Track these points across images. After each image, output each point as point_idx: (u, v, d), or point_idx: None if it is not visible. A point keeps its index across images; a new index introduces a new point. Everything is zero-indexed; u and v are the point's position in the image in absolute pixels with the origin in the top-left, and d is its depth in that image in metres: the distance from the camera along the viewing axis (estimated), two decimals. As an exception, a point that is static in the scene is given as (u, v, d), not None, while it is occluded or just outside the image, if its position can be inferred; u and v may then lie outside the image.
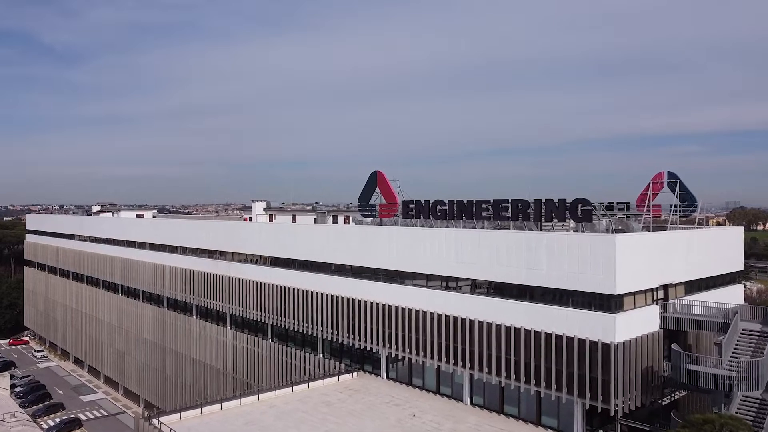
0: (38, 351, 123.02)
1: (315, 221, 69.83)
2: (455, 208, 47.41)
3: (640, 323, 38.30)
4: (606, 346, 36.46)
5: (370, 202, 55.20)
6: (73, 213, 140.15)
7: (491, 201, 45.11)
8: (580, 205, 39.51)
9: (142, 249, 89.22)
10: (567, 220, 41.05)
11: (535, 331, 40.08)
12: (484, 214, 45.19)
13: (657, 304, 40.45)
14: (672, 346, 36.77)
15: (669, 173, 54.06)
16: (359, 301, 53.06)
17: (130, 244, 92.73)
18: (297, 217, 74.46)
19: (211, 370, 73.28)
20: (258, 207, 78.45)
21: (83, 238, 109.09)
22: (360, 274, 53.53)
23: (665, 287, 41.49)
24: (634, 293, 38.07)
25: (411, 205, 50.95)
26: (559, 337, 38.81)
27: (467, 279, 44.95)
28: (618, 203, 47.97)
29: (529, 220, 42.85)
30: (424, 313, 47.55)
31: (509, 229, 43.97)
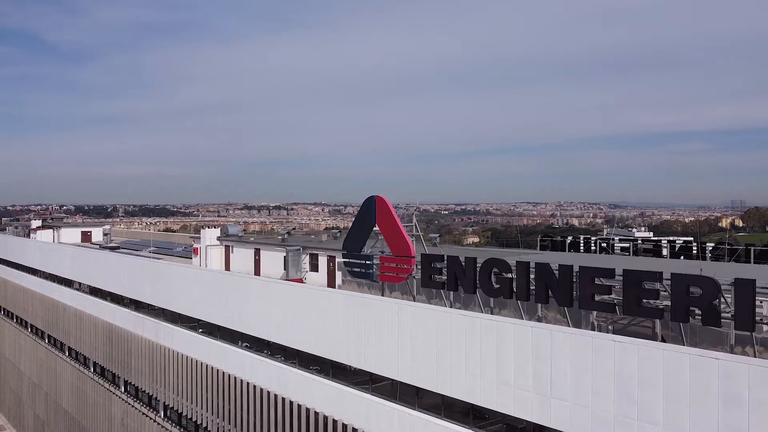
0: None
1: (285, 260, 46.72)
2: (529, 277, 23.75)
3: None
4: None
5: (363, 252, 31.87)
6: (15, 228, 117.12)
7: (618, 270, 21.47)
8: None
9: (64, 287, 66.61)
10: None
11: None
12: (598, 298, 21.67)
13: None
14: None
15: None
16: (350, 428, 30.11)
17: (51, 278, 70.07)
18: (261, 252, 51.32)
19: (136, 478, 50.39)
20: (209, 236, 55.33)
21: (8, 265, 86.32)
22: (351, 378, 30.59)
23: None
24: None
25: (438, 264, 27.25)
26: None
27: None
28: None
29: (712, 319, 19.49)
30: (468, 477, 24.54)
31: (651, 336, 20.90)
